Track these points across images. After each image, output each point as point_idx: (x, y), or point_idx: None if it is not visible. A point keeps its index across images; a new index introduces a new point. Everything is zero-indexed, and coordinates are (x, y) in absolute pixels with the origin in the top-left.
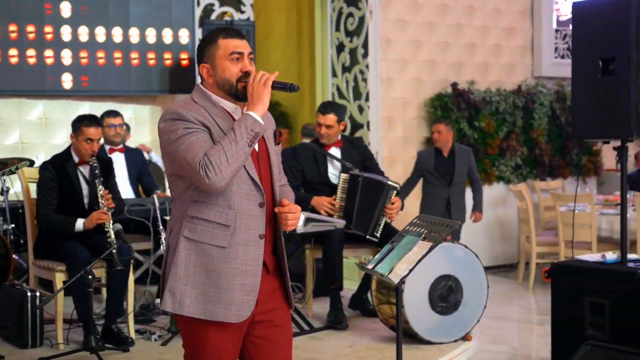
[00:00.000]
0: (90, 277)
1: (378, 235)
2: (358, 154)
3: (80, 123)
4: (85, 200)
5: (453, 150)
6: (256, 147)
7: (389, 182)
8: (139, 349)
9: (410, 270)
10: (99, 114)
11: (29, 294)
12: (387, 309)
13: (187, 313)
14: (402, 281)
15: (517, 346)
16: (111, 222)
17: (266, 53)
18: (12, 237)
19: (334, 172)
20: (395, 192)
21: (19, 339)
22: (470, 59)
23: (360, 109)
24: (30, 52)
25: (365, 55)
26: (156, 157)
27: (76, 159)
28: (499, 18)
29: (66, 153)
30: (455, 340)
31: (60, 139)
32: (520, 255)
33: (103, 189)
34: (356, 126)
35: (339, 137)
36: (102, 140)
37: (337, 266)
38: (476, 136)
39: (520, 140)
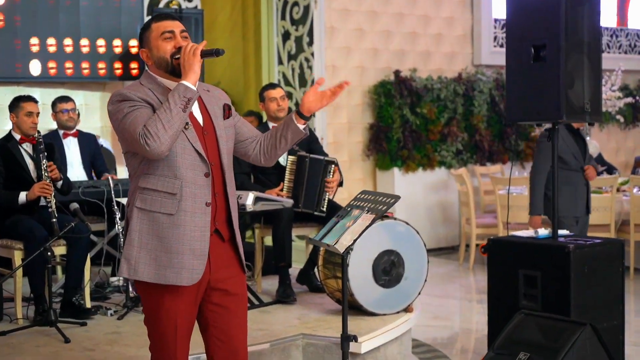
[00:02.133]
0: (49, 254)
1: (324, 209)
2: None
3: (18, 101)
4: (33, 175)
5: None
6: (201, 121)
7: (326, 159)
8: (96, 322)
9: (355, 241)
10: (50, 100)
11: None
12: (333, 283)
13: (142, 278)
14: (348, 250)
15: (457, 322)
16: (53, 194)
17: (212, 42)
18: None
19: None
20: (333, 165)
21: None
22: (412, 47)
23: None
24: None
25: (311, 43)
26: (106, 142)
27: (17, 137)
28: (440, 8)
29: (7, 134)
30: (398, 312)
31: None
32: (461, 238)
33: (47, 162)
34: None
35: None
36: (55, 125)
37: (287, 244)
38: (418, 122)
39: (461, 127)
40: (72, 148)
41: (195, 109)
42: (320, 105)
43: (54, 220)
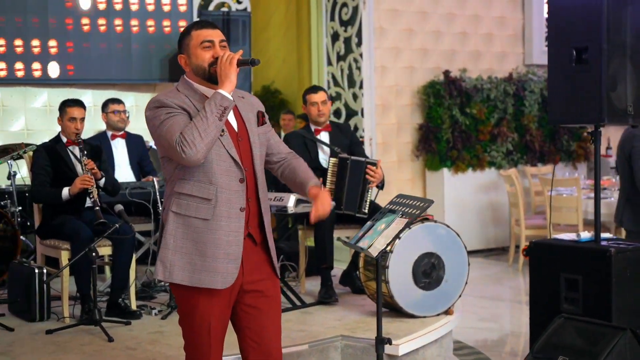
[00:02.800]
0: (94, 254)
1: (366, 211)
2: (346, 139)
3: (64, 105)
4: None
5: None
6: (235, 128)
7: (368, 160)
8: (140, 322)
9: (388, 244)
10: (102, 101)
11: (36, 270)
12: (373, 285)
13: (176, 280)
14: (382, 254)
15: (503, 324)
16: (95, 186)
17: (265, 42)
18: (19, 219)
19: (324, 157)
20: (374, 166)
21: (27, 312)
22: (462, 47)
23: (355, 97)
24: (35, 42)
25: (359, 44)
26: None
27: (64, 140)
28: (491, 7)
29: (56, 136)
30: (438, 314)
31: (17, 126)
32: (510, 239)
33: (86, 159)
34: (351, 113)
35: (329, 123)
36: (104, 126)
37: (328, 246)
38: (468, 123)
39: (511, 127)
40: (120, 149)
41: (230, 115)
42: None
43: (97, 208)
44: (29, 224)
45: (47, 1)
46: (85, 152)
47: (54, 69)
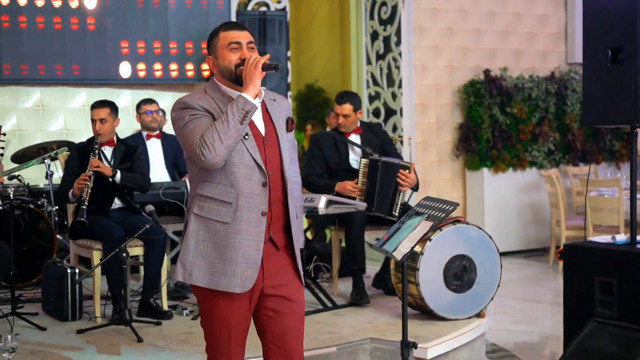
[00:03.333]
0: (124, 254)
1: (396, 214)
2: (377, 139)
3: (92, 106)
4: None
5: None
6: (262, 131)
7: (401, 163)
8: (171, 322)
9: (412, 248)
10: (137, 101)
11: (69, 270)
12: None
13: (196, 283)
14: (406, 257)
15: (541, 327)
16: (89, 186)
17: (309, 40)
18: (56, 218)
19: (355, 157)
20: (407, 170)
21: (59, 312)
22: (503, 46)
23: (394, 96)
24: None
25: (398, 43)
26: None
27: (97, 141)
28: (532, 5)
29: (91, 137)
30: (469, 317)
31: (56, 126)
32: (551, 240)
33: (94, 158)
34: (389, 112)
35: (358, 124)
36: (139, 126)
37: (359, 248)
38: (508, 122)
39: (553, 127)
40: (155, 149)
41: (258, 118)
42: None
43: (83, 207)
44: (65, 222)
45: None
46: (97, 152)
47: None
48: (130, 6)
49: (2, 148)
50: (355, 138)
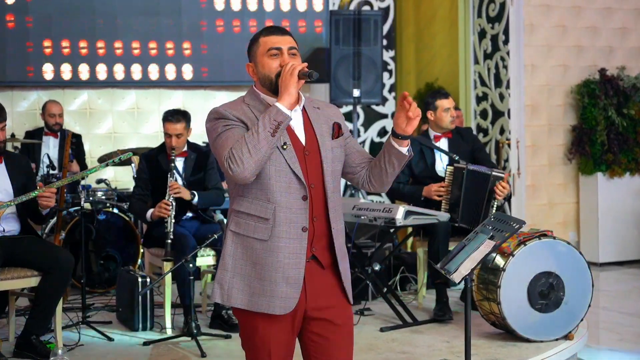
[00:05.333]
0: (190, 265)
1: None
2: (467, 145)
3: (164, 118)
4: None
5: None
6: (303, 141)
7: (494, 173)
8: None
9: (472, 270)
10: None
11: (139, 279)
12: (486, 304)
13: (234, 304)
14: (467, 279)
15: None
16: (172, 215)
17: (430, 38)
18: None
19: (441, 165)
20: (500, 181)
21: (130, 322)
22: (621, 44)
23: (502, 97)
24: (169, 44)
25: (506, 41)
26: None
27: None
28: None
29: (160, 145)
30: (556, 339)
31: (151, 129)
32: None
33: (172, 180)
34: (497, 114)
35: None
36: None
37: None
38: (625, 124)
39: None
40: None
41: (299, 127)
42: (410, 125)
43: (168, 241)
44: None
45: (180, 3)
46: (175, 168)
47: (187, 71)
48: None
49: (72, 153)
50: (443, 143)
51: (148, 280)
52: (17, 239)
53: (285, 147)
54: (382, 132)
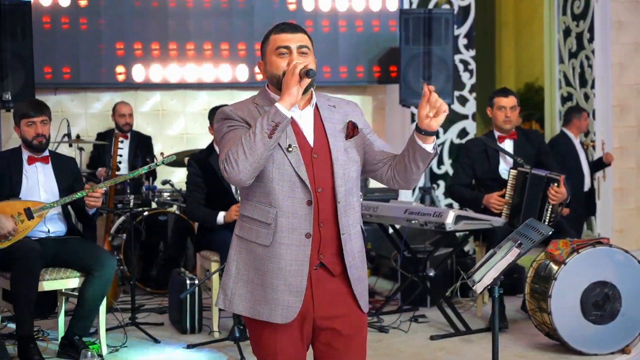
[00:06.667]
0: None
1: None
2: (532, 148)
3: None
4: (236, 195)
5: None
6: (311, 142)
7: (549, 175)
8: None
9: (495, 279)
10: None
11: (187, 281)
12: (538, 315)
13: (237, 311)
14: (494, 288)
15: None
16: None
17: (530, 36)
18: None
19: (505, 167)
20: (556, 184)
21: (179, 323)
22: None
23: (586, 97)
24: (241, 45)
25: (591, 39)
26: None
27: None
28: None
29: (209, 146)
30: (612, 353)
31: None
32: None
33: None
34: None
35: (514, 129)
36: None
37: None
38: None
39: None
40: None
41: (308, 128)
42: (435, 120)
43: None
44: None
45: (252, 3)
46: None
47: (242, 72)
48: (299, 11)
49: (120, 155)
50: (508, 144)
51: (196, 282)
52: (62, 240)
53: (290, 149)
54: (462, 134)
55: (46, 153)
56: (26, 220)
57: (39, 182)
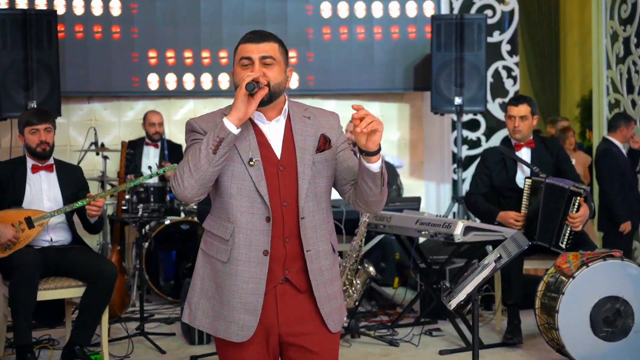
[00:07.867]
0: None
1: (563, 246)
2: (551, 157)
3: None
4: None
5: None
6: (278, 155)
7: (572, 187)
8: None
9: (467, 295)
10: (344, 112)
11: None
12: (548, 330)
13: (197, 326)
14: (474, 302)
15: None
16: None
17: (570, 41)
18: None
19: (522, 176)
20: (578, 198)
21: (188, 333)
22: None
23: (634, 104)
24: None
25: (638, 44)
26: (393, 157)
27: None
28: None
29: None
30: None
31: None
32: None
33: None
34: None
35: (531, 137)
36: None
37: (513, 281)
38: None
39: None
40: None
41: (277, 140)
42: (370, 141)
43: None
44: None
45: (286, 10)
46: None
47: (293, 79)
48: (334, 17)
49: (129, 160)
50: (525, 153)
51: None
52: (64, 249)
53: (252, 163)
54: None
55: (51, 161)
56: (27, 229)
57: (43, 191)
